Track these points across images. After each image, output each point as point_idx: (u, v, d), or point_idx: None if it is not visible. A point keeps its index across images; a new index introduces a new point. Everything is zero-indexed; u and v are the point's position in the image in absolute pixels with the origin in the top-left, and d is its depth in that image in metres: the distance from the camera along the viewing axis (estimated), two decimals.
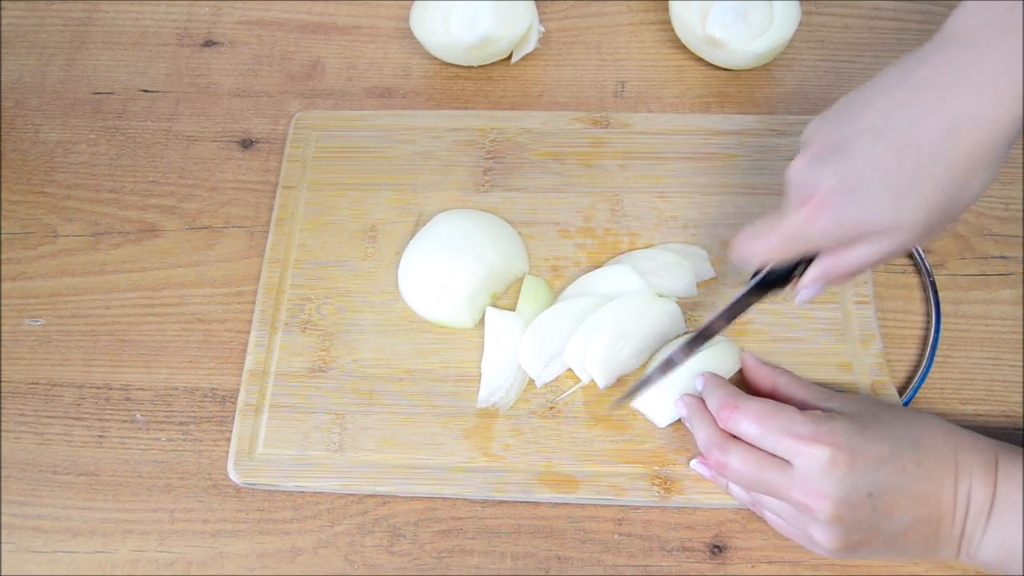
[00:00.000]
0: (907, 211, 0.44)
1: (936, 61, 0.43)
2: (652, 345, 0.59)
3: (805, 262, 0.50)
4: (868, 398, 0.56)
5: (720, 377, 0.55)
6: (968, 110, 0.42)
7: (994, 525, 0.47)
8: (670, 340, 0.60)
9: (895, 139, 0.44)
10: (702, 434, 0.52)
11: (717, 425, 0.52)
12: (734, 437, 0.51)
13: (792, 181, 0.48)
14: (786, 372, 0.56)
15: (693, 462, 0.55)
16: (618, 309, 0.58)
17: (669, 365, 0.55)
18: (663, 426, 0.57)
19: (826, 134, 0.46)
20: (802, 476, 0.47)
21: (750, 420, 0.50)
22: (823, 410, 0.50)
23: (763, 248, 0.50)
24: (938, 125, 0.42)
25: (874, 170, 0.44)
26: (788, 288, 0.52)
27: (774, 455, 0.49)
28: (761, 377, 0.56)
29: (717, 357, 0.57)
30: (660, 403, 0.57)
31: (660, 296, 0.60)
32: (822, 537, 0.48)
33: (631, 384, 0.57)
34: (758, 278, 0.52)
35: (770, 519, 0.52)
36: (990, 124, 0.42)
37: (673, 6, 0.71)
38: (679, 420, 0.57)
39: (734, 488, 0.53)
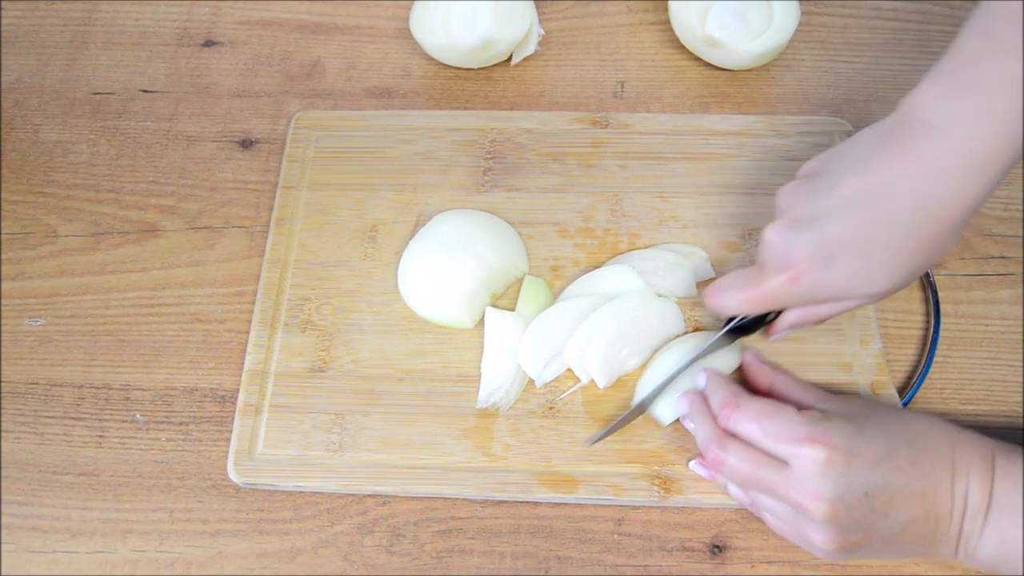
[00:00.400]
0: (879, 280, 0.49)
1: (901, 147, 0.46)
2: (652, 345, 0.59)
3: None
4: (864, 399, 0.56)
5: (723, 375, 0.55)
6: (933, 196, 0.46)
7: (992, 524, 0.47)
8: (670, 340, 0.60)
9: (867, 217, 0.47)
10: (701, 431, 0.53)
11: (717, 423, 0.52)
12: (733, 435, 0.51)
13: (770, 246, 0.51)
14: (785, 372, 0.56)
15: (692, 463, 0.55)
16: (618, 309, 0.59)
17: (641, 409, 0.57)
18: (667, 424, 0.57)
19: (801, 204, 0.50)
20: (798, 477, 0.47)
21: (749, 420, 0.50)
22: (820, 411, 0.51)
23: (739, 302, 0.53)
24: (906, 208, 0.46)
25: (849, 244, 0.48)
26: (759, 332, 0.57)
27: (772, 455, 0.49)
28: (760, 376, 0.56)
29: (719, 353, 0.57)
30: (664, 401, 0.57)
31: (660, 296, 0.60)
32: (818, 538, 0.48)
33: (609, 425, 0.57)
34: (732, 324, 0.56)
35: (767, 520, 0.52)
36: (954, 204, 0.46)
37: (672, 6, 0.72)
38: (678, 420, 0.57)
39: (732, 488, 0.54)
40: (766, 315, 0.55)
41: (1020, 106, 0.43)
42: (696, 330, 0.61)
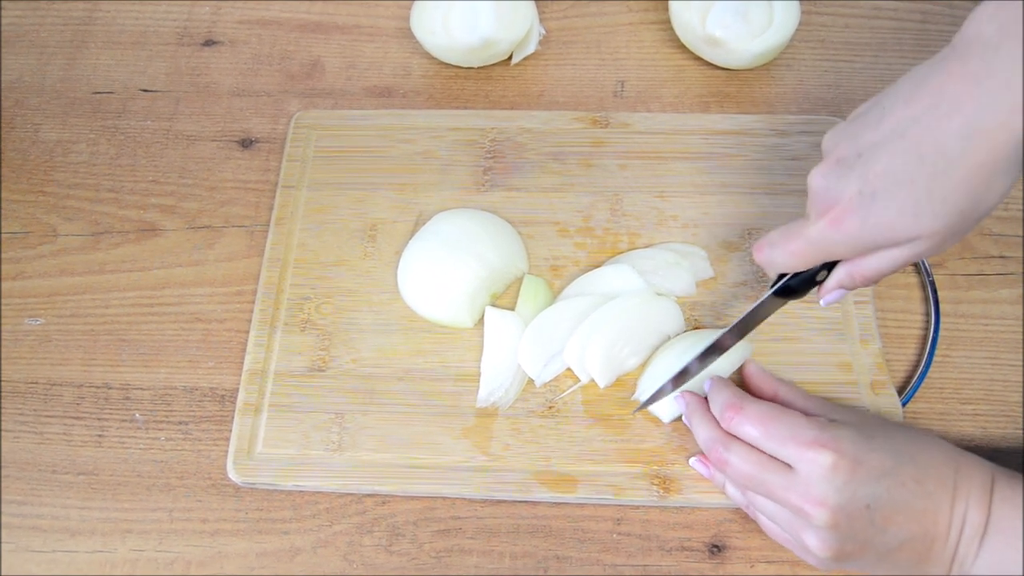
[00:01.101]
0: (927, 219, 0.44)
1: (951, 69, 0.43)
2: (652, 344, 0.59)
3: (827, 266, 0.51)
4: (870, 413, 0.56)
5: (724, 379, 0.55)
6: (984, 117, 0.42)
7: (987, 548, 0.46)
8: (670, 338, 0.60)
9: (914, 147, 0.43)
10: (704, 432, 0.52)
11: (719, 424, 0.52)
12: (736, 437, 0.51)
13: (813, 189, 0.48)
14: (789, 383, 0.56)
15: (692, 460, 0.55)
16: (617, 309, 0.58)
17: (685, 375, 0.55)
18: (667, 422, 0.57)
19: (846, 143, 0.47)
20: (802, 480, 0.47)
21: (754, 422, 0.50)
22: (827, 419, 0.50)
23: (784, 255, 0.50)
24: (955, 132, 0.42)
25: (894, 178, 0.44)
26: (810, 293, 0.53)
27: (776, 458, 0.49)
28: (763, 385, 0.56)
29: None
30: (664, 400, 0.57)
31: (659, 295, 0.60)
32: (815, 544, 0.48)
33: (647, 395, 0.57)
34: (779, 284, 0.52)
35: (763, 523, 0.52)
36: (1006, 131, 0.42)
37: (673, 6, 0.71)
38: (679, 419, 0.57)
39: (730, 488, 0.53)
40: (815, 276, 0.51)
41: None
42: (696, 328, 0.61)
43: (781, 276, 0.52)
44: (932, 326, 0.60)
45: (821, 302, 0.52)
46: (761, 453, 0.49)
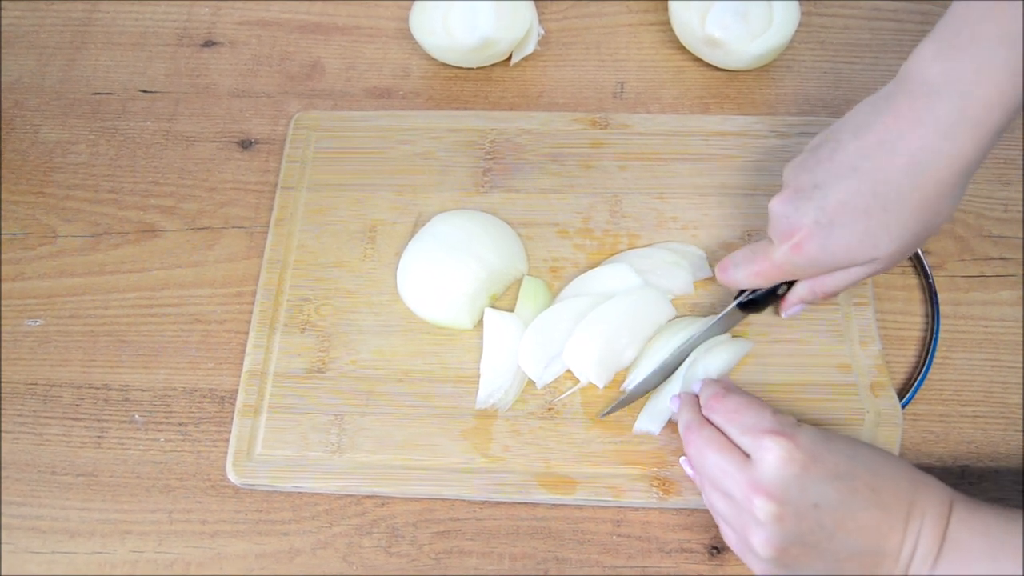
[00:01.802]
0: (883, 244, 0.49)
1: (897, 106, 0.48)
2: (646, 335, 0.59)
3: (787, 281, 0.55)
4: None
5: (717, 379, 0.55)
6: (929, 152, 0.46)
7: (941, 570, 0.45)
8: (661, 326, 0.60)
9: (866, 181, 0.48)
10: (683, 418, 0.53)
11: (700, 412, 0.52)
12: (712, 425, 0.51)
13: (774, 216, 0.52)
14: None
15: (682, 458, 0.55)
16: (609, 308, 0.58)
17: (651, 381, 0.57)
18: (656, 433, 0.57)
19: (804, 174, 0.51)
20: (756, 468, 0.47)
21: (727, 409, 0.50)
22: (795, 420, 0.50)
23: (748, 275, 0.55)
24: (903, 168, 0.47)
25: (850, 208, 0.48)
26: (771, 307, 0.58)
27: (739, 447, 0.49)
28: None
29: (716, 353, 0.57)
30: (650, 412, 0.57)
31: (646, 286, 0.60)
32: (759, 541, 0.47)
33: (617, 399, 0.58)
34: (742, 299, 0.57)
35: (723, 530, 0.51)
36: (949, 162, 0.47)
37: (672, 7, 0.71)
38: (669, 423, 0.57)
39: (703, 493, 0.53)
40: (776, 290, 0.56)
41: (1015, 63, 0.44)
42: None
43: (743, 290, 0.57)
44: (932, 328, 0.60)
45: (783, 315, 0.57)
46: (726, 440, 0.49)
